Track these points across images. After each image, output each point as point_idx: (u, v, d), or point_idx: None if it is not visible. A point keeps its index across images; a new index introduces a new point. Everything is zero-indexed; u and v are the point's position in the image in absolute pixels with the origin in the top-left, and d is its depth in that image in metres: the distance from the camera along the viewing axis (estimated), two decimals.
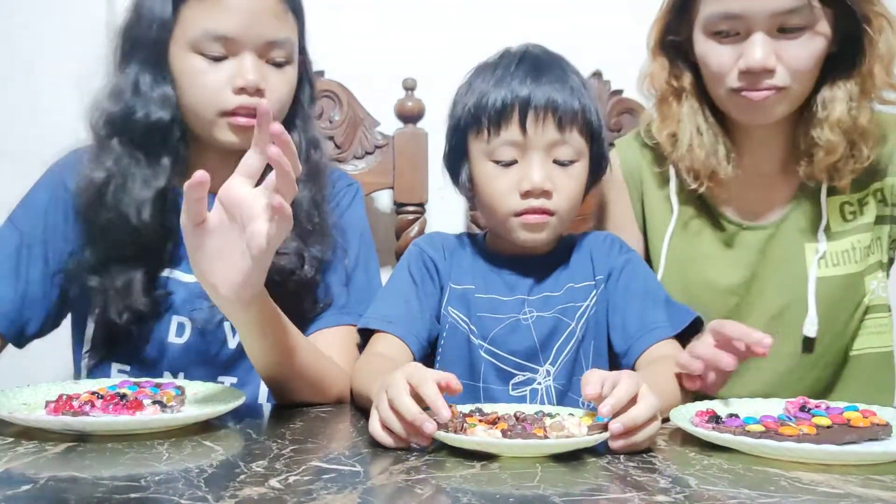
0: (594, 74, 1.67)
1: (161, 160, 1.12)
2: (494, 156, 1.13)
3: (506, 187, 1.13)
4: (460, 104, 1.18)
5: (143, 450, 0.82)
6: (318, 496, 0.68)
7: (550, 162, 1.12)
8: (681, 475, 0.77)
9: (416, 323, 1.15)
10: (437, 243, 1.23)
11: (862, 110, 1.18)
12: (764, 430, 0.86)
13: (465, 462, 0.80)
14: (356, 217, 1.29)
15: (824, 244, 1.25)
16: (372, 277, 1.27)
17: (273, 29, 1.11)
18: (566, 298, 1.17)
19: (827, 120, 1.18)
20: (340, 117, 1.62)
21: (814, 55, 1.15)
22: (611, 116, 1.67)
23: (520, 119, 1.11)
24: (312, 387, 1.08)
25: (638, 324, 1.14)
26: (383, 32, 1.71)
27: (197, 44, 1.09)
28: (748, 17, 1.13)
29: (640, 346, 1.13)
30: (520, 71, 1.14)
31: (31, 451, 0.81)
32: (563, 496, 0.69)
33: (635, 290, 1.18)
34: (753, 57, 1.13)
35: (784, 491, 0.72)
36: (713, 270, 1.28)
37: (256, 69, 1.10)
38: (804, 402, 0.97)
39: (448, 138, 1.21)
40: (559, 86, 1.12)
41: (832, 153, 1.19)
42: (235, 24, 1.09)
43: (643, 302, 1.17)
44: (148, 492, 0.69)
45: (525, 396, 1.14)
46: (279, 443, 0.87)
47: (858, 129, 1.19)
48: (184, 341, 1.17)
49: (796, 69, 1.15)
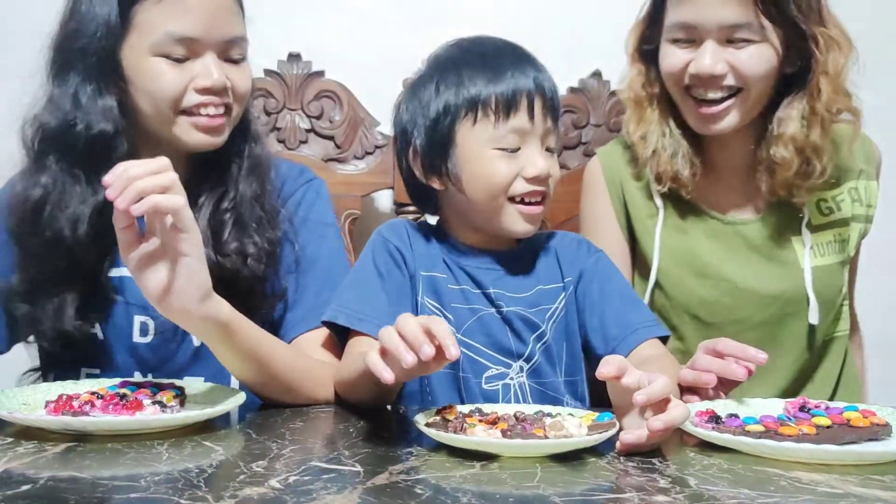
0: (594, 74, 1.68)
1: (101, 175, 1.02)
2: (500, 143, 1.12)
3: (511, 173, 1.12)
4: (441, 97, 1.14)
5: (143, 450, 0.82)
6: (318, 496, 0.68)
7: (545, 150, 1.14)
8: (681, 475, 0.77)
9: (385, 316, 1.09)
10: (400, 231, 1.20)
11: (813, 128, 1.23)
12: (764, 430, 0.86)
13: (465, 462, 0.80)
14: (322, 213, 1.27)
15: (809, 237, 1.30)
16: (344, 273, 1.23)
17: (231, 27, 1.12)
18: (536, 301, 1.17)
19: (781, 138, 1.24)
20: (341, 117, 1.62)
21: (763, 64, 1.21)
22: (610, 116, 1.67)
23: (528, 107, 1.12)
24: (291, 390, 1.07)
25: (619, 325, 1.15)
26: (383, 32, 1.71)
27: (158, 47, 1.08)
28: (700, 26, 1.20)
29: (625, 347, 1.13)
30: (518, 61, 1.14)
31: (31, 451, 0.81)
32: (563, 496, 0.69)
33: (610, 292, 1.18)
34: (702, 62, 1.21)
35: (784, 491, 0.72)
36: (706, 258, 1.31)
37: (219, 68, 1.10)
38: (804, 402, 0.97)
39: (426, 132, 1.15)
40: (550, 76, 1.16)
41: (787, 169, 1.24)
42: (197, 24, 1.08)
43: (620, 303, 1.17)
44: (148, 492, 0.69)
45: (497, 391, 1.14)
46: (279, 443, 0.86)
47: (810, 145, 1.24)
48: (148, 341, 1.17)
49: (746, 75, 1.21)
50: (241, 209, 1.15)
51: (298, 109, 1.62)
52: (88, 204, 1.10)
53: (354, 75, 1.64)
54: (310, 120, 1.62)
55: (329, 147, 1.62)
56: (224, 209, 1.15)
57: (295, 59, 1.62)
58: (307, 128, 1.62)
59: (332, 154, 1.62)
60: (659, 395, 0.82)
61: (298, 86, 1.61)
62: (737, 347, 1.04)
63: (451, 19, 1.71)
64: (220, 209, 1.15)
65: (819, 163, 1.24)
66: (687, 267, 1.31)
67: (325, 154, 1.62)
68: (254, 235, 1.15)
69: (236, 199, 1.16)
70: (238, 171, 1.17)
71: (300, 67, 1.62)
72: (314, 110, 1.62)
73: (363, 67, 1.67)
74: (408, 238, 1.19)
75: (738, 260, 1.31)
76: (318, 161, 1.60)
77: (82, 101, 1.09)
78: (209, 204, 1.15)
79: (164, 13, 1.07)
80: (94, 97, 1.09)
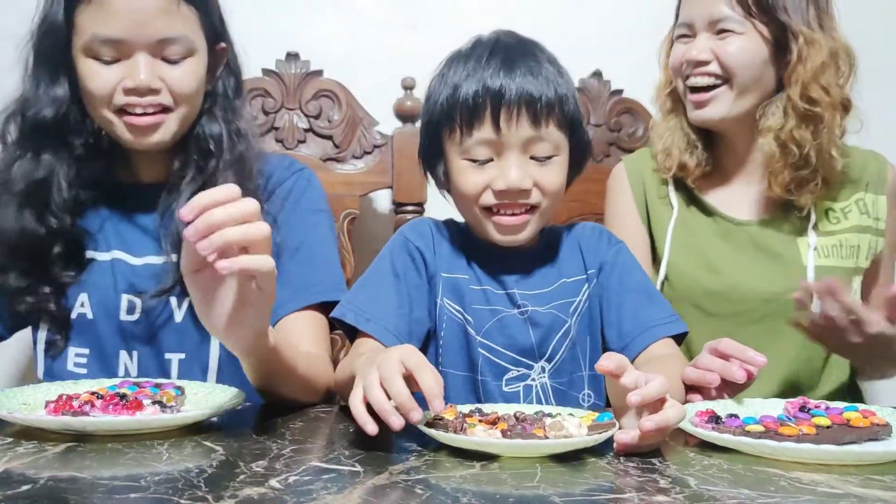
0: (594, 74, 1.68)
1: (41, 157, 1.16)
2: (469, 154, 1.10)
3: (480, 185, 1.10)
4: (433, 98, 1.14)
5: (143, 450, 0.82)
6: (318, 496, 0.68)
7: (527, 158, 1.09)
8: (681, 475, 0.77)
9: (393, 318, 1.10)
10: (423, 231, 1.19)
11: (789, 118, 1.29)
12: (764, 430, 0.86)
13: (465, 462, 0.80)
14: (313, 200, 1.28)
15: (815, 238, 1.34)
16: (330, 254, 1.26)
17: (163, 27, 1.11)
18: (560, 294, 1.15)
19: (763, 130, 1.31)
20: (339, 117, 1.62)
21: (745, 54, 1.30)
22: (611, 116, 1.67)
23: (492, 116, 1.07)
24: (302, 386, 1.07)
25: (634, 321, 1.14)
26: (382, 32, 1.71)
27: (88, 48, 1.11)
28: (694, 23, 1.33)
29: (638, 344, 1.13)
30: (492, 62, 1.09)
31: (31, 451, 0.81)
32: (563, 496, 0.69)
33: (629, 285, 1.17)
34: (691, 50, 1.32)
35: (784, 491, 0.72)
36: (713, 255, 1.35)
37: (148, 69, 1.11)
38: (804, 402, 0.97)
39: (423, 133, 1.18)
40: (532, 77, 1.08)
41: (774, 161, 1.31)
42: (122, 27, 1.09)
43: (637, 297, 1.16)
44: (148, 492, 0.69)
45: (518, 393, 1.13)
46: (279, 443, 0.86)
47: (789, 136, 1.28)
48: (135, 318, 1.19)
49: (728, 63, 1.30)
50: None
51: (296, 109, 1.62)
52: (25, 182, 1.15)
53: (353, 75, 1.64)
54: (308, 119, 1.62)
55: (327, 147, 1.62)
56: None
57: (293, 59, 1.62)
58: (305, 127, 1.62)
59: (330, 154, 1.62)
60: (654, 395, 0.82)
61: (297, 85, 1.61)
62: (737, 349, 1.04)
63: (450, 19, 1.71)
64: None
65: (801, 153, 1.29)
66: (694, 262, 1.35)
67: (324, 154, 1.62)
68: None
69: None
70: (216, 165, 1.18)
71: (298, 67, 1.62)
72: (312, 110, 1.62)
73: (362, 67, 1.67)
74: (431, 238, 1.18)
75: (744, 260, 1.34)
76: (316, 161, 1.60)
77: (39, 91, 1.15)
78: (184, 198, 1.16)
79: (92, 16, 1.10)
80: (47, 88, 1.15)
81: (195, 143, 1.19)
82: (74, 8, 1.11)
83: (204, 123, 1.20)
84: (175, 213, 1.15)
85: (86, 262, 1.20)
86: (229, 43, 1.23)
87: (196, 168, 1.18)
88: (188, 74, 1.15)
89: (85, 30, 1.10)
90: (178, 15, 1.12)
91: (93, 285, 1.20)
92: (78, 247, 1.20)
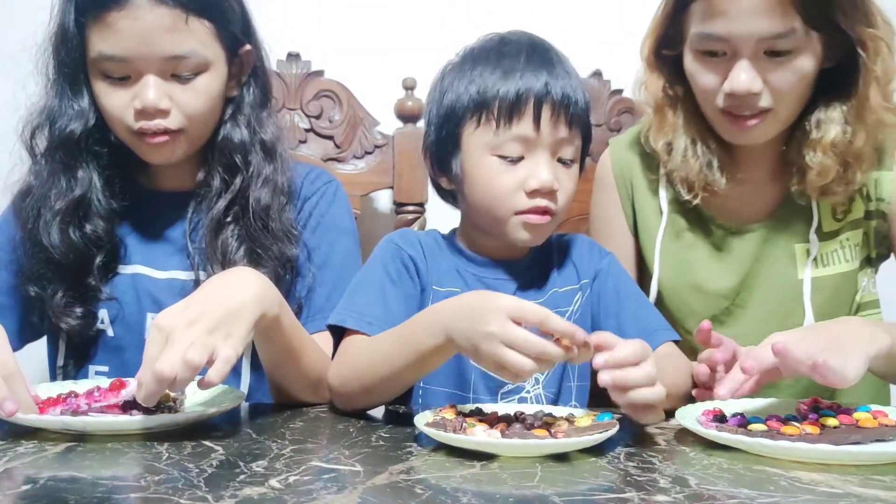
0: (594, 74, 1.68)
1: (76, 172, 1.14)
2: (501, 150, 1.07)
3: (511, 184, 1.07)
4: (453, 91, 1.10)
5: (143, 450, 0.82)
6: (318, 496, 0.68)
7: (555, 161, 1.08)
8: (681, 475, 0.77)
9: (398, 321, 1.06)
10: (413, 241, 1.15)
11: (857, 134, 1.16)
12: (766, 429, 0.86)
13: (464, 462, 0.80)
14: (337, 218, 1.26)
15: (815, 245, 1.24)
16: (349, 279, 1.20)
17: (170, 44, 1.08)
18: (551, 304, 1.12)
19: (820, 142, 1.16)
20: (340, 117, 1.62)
21: (802, 79, 1.13)
22: (611, 116, 1.67)
23: (534, 113, 1.05)
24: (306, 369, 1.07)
25: (637, 327, 1.12)
26: (383, 32, 1.71)
27: (97, 66, 1.10)
28: (733, 40, 1.11)
29: None
30: (533, 60, 1.07)
31: (31, 451, 0.81)
32: (563, 496, 0.69)
33: (626, 293, 1.17)
34: (738, 81, 1.11)
35: (784, 491, 0.72)
36: (704, 275, 1.27)
37: (157, 89, 1.09)
38: (816, 402, 0.96)
39: (436, 127, 1.13)
40: (570, 80, 1.08)
41: (824, 176, 1.18)
42: (127, 46, 1.07)
43: (636, 304, 1.16)
44: (148, 492, 0.69)
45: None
46: (279, 443, 0.87)
47: (853, 152, 1.17)
48: None
49: (782, 92, 1.13)
50: (249, 229, 1.15)
51: (298, 109, 1.62)
52: (66, 200, 1.13)
53: (354, 75, 1.64)
54: (309, 119, 1.62)
55: (328, 147, 1.62)
56: (228, 222, 1.16)
57: (294, 59, 1.62)
58: (306, 127, 1.62)
59: (331, 154, 1.62)
60: (622, 360, 0.84)
61: (298, 85, 1.61)
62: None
63: (450, 19, 1.71)
64: (224, 223, 1.16)
65: (860, 171, 1.18)
66: (683, 280, 1.28)
67: (325, 154, 1.62)
68: (262, 256, 1.15)
69: (243, 216, 1.16)
70: (246, 179, 1.17)
71: (299, 67, 1.62)
72: (313, 110, 1.62)
73: (363, 67, 1.67)
74: (422, 250, 1.15)
75: (735, 277, 1.27)
76: (317, 161, 1.60)
77: (63, 103, 1.14)
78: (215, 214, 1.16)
79: (99, 33, 1.08)
80: (71, 101, 1.14)
81: (218, 151, 1.17)
82: (84, 24, 1.09)
83: (227, 130, 1.18)
84: (202, 227, 1.15)
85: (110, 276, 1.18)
86: (256, 45, 1.20)
87: (221, 179, 1.17)
88: (200, 93, 1.12)
89: (93, 47, 1.09)
90: (186, 31, 1.08)
91: (113, 301, 1.17)
92: (115, 258, 1.18)
